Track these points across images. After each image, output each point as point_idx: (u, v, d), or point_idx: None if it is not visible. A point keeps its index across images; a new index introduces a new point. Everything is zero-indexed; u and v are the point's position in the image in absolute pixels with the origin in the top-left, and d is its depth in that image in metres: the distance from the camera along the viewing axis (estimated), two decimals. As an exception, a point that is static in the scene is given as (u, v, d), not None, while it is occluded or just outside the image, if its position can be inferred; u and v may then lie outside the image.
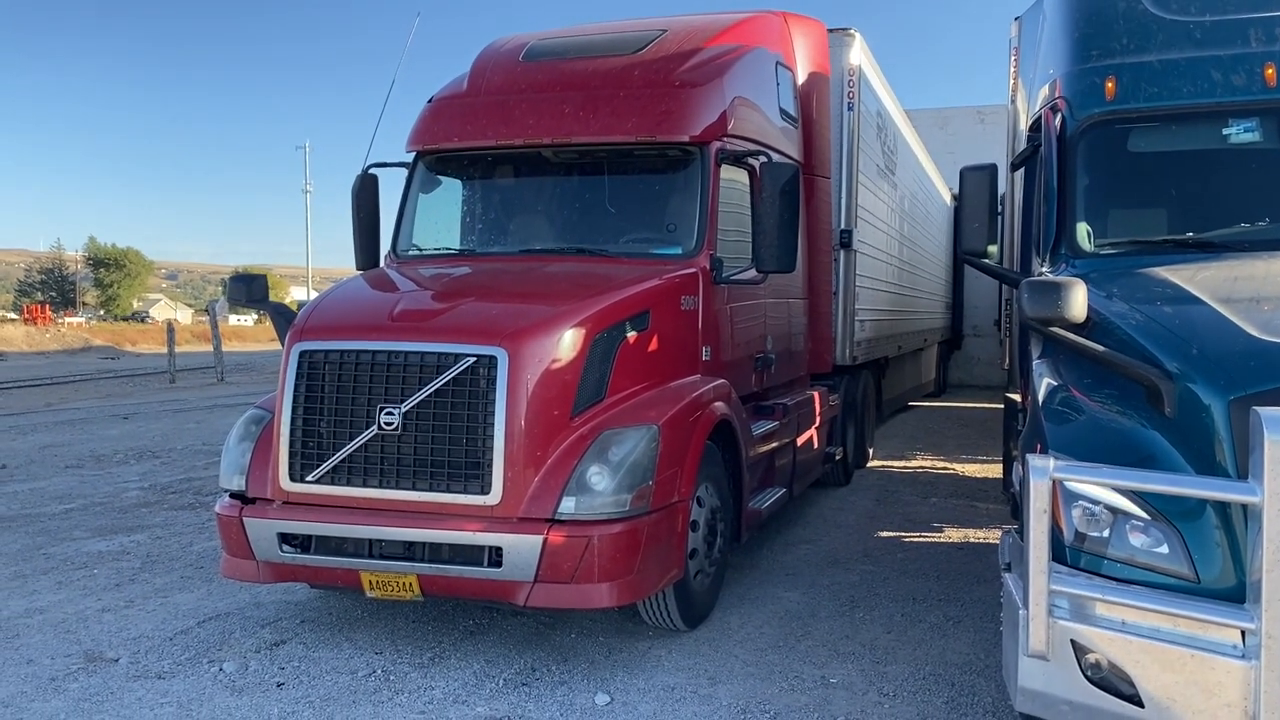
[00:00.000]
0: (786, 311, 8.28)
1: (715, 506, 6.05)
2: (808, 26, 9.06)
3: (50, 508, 9.58)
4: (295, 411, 5.39)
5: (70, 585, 6.89)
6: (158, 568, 7.33)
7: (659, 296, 6.05)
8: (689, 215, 6.56)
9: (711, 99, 6.78)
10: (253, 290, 6.35)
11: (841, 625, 6.01)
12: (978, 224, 5.45)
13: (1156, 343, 3.91)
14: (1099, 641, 3.48)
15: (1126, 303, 4.30)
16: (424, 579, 5.16)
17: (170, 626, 5.99)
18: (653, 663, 5.40)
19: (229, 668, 5.33)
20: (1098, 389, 4.10)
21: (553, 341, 5.31)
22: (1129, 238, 5.22)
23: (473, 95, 7.23)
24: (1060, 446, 3.83)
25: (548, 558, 4.97)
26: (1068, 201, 5.22)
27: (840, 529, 8.62)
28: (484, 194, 7.39)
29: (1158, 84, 5.20)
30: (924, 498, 10.04)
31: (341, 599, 6.41)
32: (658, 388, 5.84)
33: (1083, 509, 3.64)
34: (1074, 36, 5.60)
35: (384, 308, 5.83)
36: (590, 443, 5.20)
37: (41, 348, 44.28)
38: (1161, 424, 3.73)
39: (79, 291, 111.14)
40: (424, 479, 5.17)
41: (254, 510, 5.50)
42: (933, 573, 7.13)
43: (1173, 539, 3.49)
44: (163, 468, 12.08)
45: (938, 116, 22.14)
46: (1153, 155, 5.44)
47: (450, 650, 5.57)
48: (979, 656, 5.45)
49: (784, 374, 8.25)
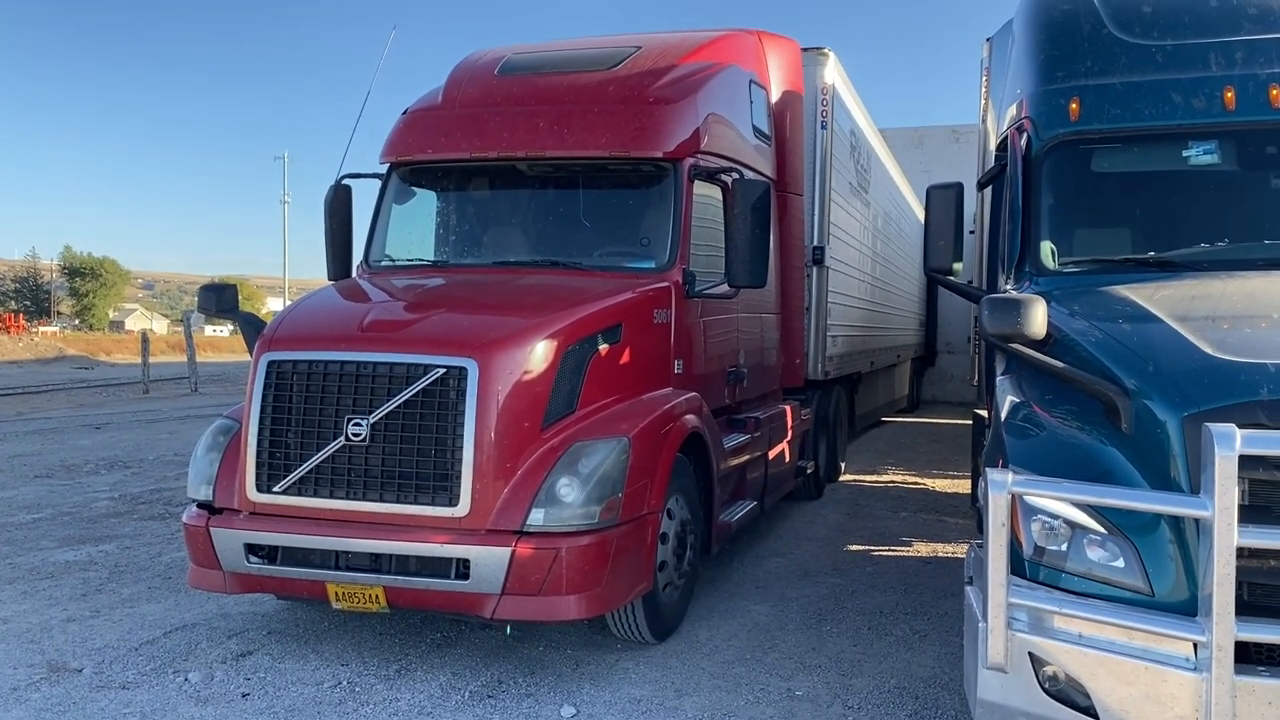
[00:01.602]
0: (759, 326, 8.33)
1: (685, 519, 6.07)
2: (782, 45, 9.14)
3: (18, 517, 9.49)
4: (263, 422, 5.38)
5: (36, 595, 6.83)
6: (125, 578, 7.28)
7: (631, 310, 6.09)
8: (662, 230, 6.60)
9: (685, 116, 6.84)
10: (222, 300, 6.32)
11: (809, 638, 6.04)
12: (943, 242, 5.51)
13: (1115, 359, 3.98)
14: (1056, 654, 3.53)
15: (1087, 320, 4.36)
16: (390, 591, 5.14)
17: (136, 637, 5.95)
18: (620, 675, 5.41)
19: (194, 678, 5.30)
20: (1058, 405, 4.16)
21: (524, 353, 5.33)
22: (1092, 256, 5.30)
23: (447, 108, 7.26)
24: (1020, 461, 3.89)
25: (515, 569, 4.97)
26: (1032, 220, 5.30)
27: (811, 542, 8.66)
28: (458, 206, 7.41)
29: (1121, 105, 5.29)
30: (894, 512, 10.10)
31: (309, 610, 6.38)
32: (629, 400, 5.87)
33: (1041, 523, 3.70)
34: (1040, 58, 5.69)
35: (354, 318, 5.83)
36: (560, 454, 5.21)
37: (14, 357, 43.72)
38: (1119, 440, 3.79)
39: (54, 301, 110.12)
40: (391, 490, 5.16)
41: (221, 520, 5.47)
42: (900, 586, 7.18)
43: (1128, 553, 3.55)
44: (133, 478, 11.98)
45: (913, 135, 22.34)
46: (1115, 175, 5.53)
47: (417, 662, 5.56)
48: (944, 670, 5.49)
49: (756, 388, 8.29)
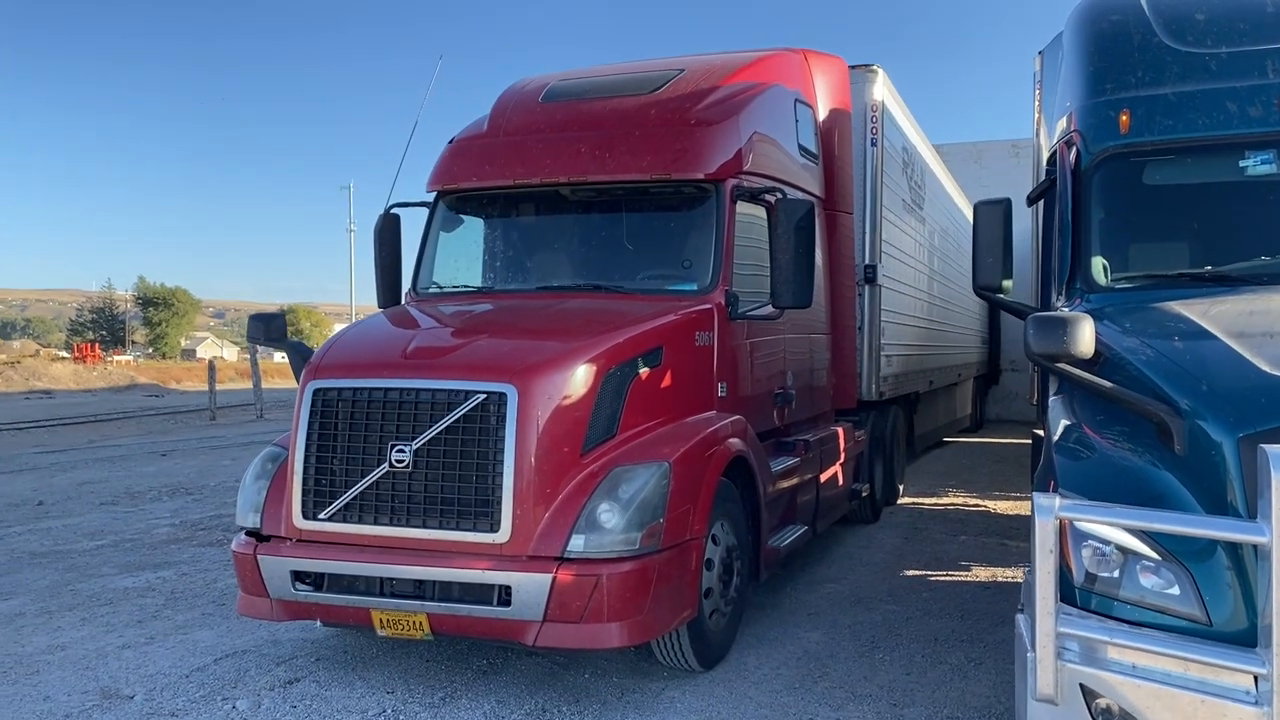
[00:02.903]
0: (808, 347, 8.22)
1: (731, 544, 5.98)
2: (828, 64, 9.06)
3: (81, 544, 9.70)
4: (309, 449, 5.42)
5: (94, 621, 6.96)
6: (180, 604, 7.38)
7: (673, 332, 6.04)
8: (704, 251, 6.56)
9: (728, 136, 6.80)
10: (271, 329, 6.41)
11: (861, 666, 5.91)
12: (992, 259, 5.38)
13: (1167, 378, 3.84)
14: (1110, 685, 3.39)
15: (1138, 338, 4.22)
16: (434, 618, 5.14)
17: (187, 663, 6.02)
18: (665, 704, 5.33)
19: (242, 705, 5.33)
20: (1109, 426, 4.02)
21: (563, 378, 5.31)
22: (1145, 271, 5.14)
23: (492, 136, 7.31)
24: (1071, 485, 3.76)
25: (556, 597, 4.93)
26: (1082, 235, 5.16)
27: (865, 567, 8.50)
28: (503, 232, 7.45)
29: (1173, 116, 5.13)
30: (953, 535, 9.87)
31: (356, 637, 6.40)
32: (671, 424, 5.81)
33: (1093, 549, 3.56)
34: (1089, 70, 5.56)
35: (398, 345, 5.87)
36: (600, 480, 5.17)
37: (88, 385, 45.04)
38: (1172, 462, 3.65)
39: (128, 330, 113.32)
40: (434, 517, 5.16)
41: (268, 548, 5.52)
42: (957, 612, 7.00)
43: (1184, 580, 3.40)
44: (194, 504, 12.20)
45: (971, 150, 22.03)
46: (1168, 188, 5.37)
47: (462, 690, 5.54)
48: (999, 700, 5.32)
49: (806, 410, 8.18)
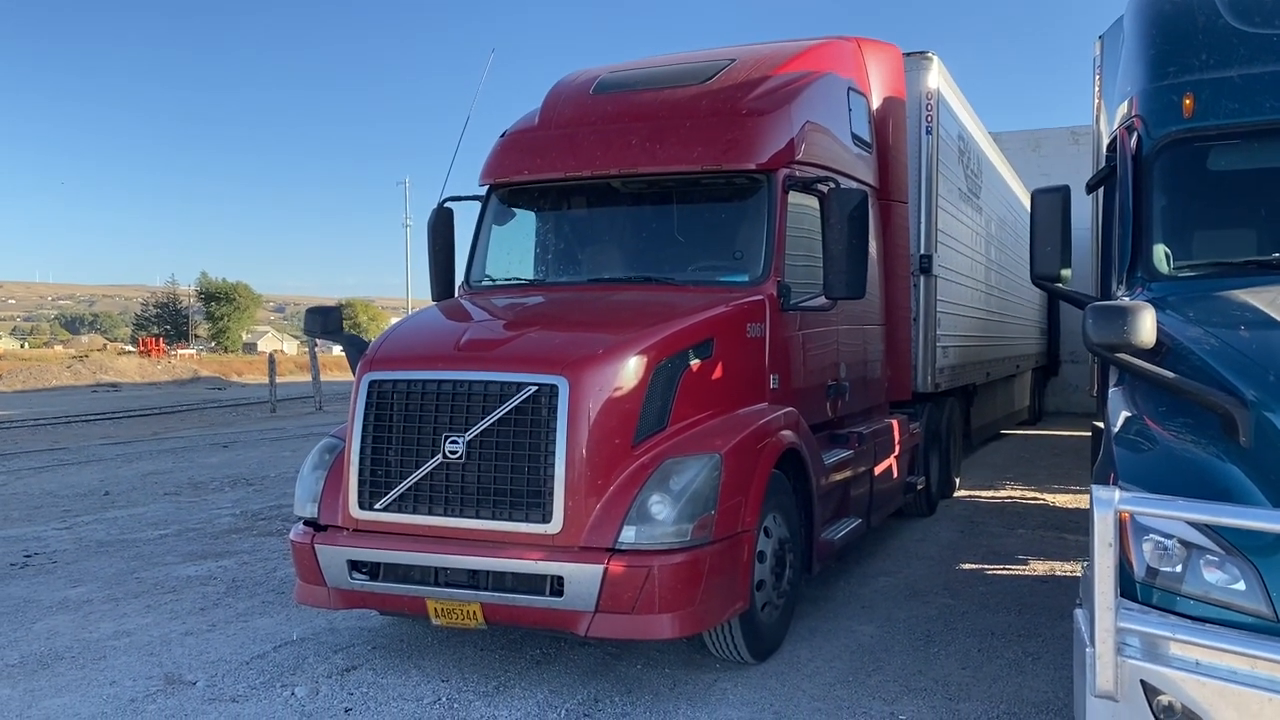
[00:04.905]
0: (862, 338, 8.14)
1: (784, 537, 5.95)
2: (882, 51, 8.95)
3: (146, 533, 9.94)
4: (364, 440, 5.50)
5: (158, 609, 7.13)
6: (241, 592, 7.54)
7: (724, 324, 6.02)
8: (756, 242, 6.52)
9: (779, 126, 6.75)
10: (327, 322, 6.50)
11: (915, 660, 5.85)
12: (1050, 248, 5.27)
13: (1232, 368, 3.73)
14: (1172, 682, 3.31)
15: (1202, 327, 4.12)
16: (487, 607, 5.18)
17: (248, 650, 6.14)
18: (717, 696, 5.32)
19: (300, 692, 5.43)
20: (1172, 418, 3.92)
21: (614, 370, 5.31)
22: (1209, 259, 5.01)
23: (544, 129, 7.34)
24: (1131, 477, 3.67)
25: (608, 587, 4.95)
26: (1144, 223, 5.04)
27: (920, 560, 8.41)
28: (554, 225, 7.47)
29: (1239, 99, 4.98)
30: (1011, 529, 9.73)
31: (412, 626, 6.48)
32: (722, 416, 5.79)
33: (1154, 543, 3.49)
34: (1150, 53, 5.42)
35: (451, 338, 5.92)
36: (651, 471, 5.17)
37: (153, 379, 46.04)
38: (1237, 454, 3.55)
39: (191, 325, 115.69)
40: (487, 507, 5.21)
41: (325, 537, 5.60)
42: (1014, 607, 6.90)
43: (1249, 575, 3.32)
44: (255, 495, 12.44)
45: (1030, 138, 21.61)
46: (1234, 173, 5.22)
47: (515, 679, 5.59)
48: (1057, 695, 5.24)
49: (860, 402, 8.10)
